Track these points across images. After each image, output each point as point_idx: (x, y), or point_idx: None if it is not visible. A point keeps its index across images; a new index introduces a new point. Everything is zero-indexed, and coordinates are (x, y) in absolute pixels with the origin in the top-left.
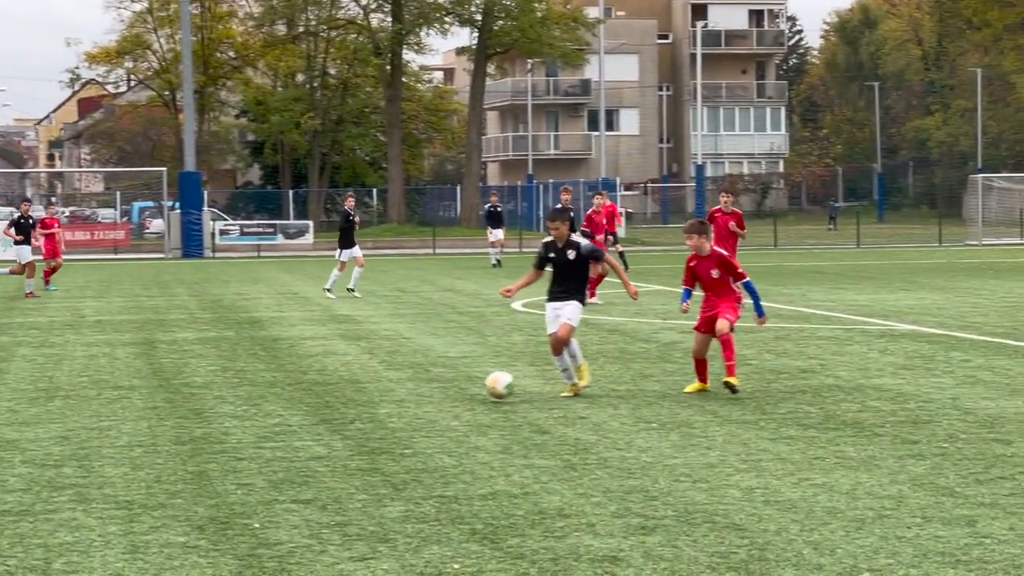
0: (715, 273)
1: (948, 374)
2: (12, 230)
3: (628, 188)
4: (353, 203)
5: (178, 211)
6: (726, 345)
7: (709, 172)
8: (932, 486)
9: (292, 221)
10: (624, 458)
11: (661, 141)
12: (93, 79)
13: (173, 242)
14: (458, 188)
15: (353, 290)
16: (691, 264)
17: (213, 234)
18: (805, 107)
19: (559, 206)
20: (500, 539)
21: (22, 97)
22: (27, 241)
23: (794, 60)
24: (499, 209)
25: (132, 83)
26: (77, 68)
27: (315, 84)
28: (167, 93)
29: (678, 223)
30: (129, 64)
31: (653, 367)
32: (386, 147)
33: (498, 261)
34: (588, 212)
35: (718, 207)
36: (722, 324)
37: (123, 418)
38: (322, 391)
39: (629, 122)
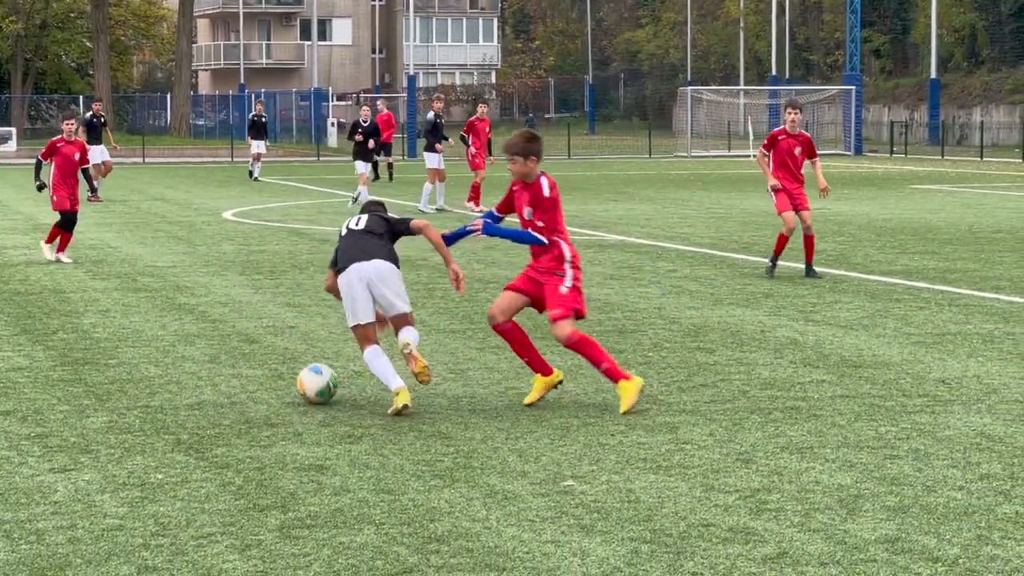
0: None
1: (654, 284)
2: None
3: (341, 98)
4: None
5: None
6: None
7: (421, 83)
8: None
9: None
10: (332, 367)
11: (374, 52)
12: None
13: None
14: (168, 96)
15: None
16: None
17: None
18: (518, 18)
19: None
20: (205, 449)
21: None
22: None
23: None
24: (264, 120)
25: None
26: None
27: None
28: None
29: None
30: None
31: None
32: (93, 53)
33: (254, 174)
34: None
35: (782, 128)
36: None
37: None
38: (24, 301)
39: (342, 32)
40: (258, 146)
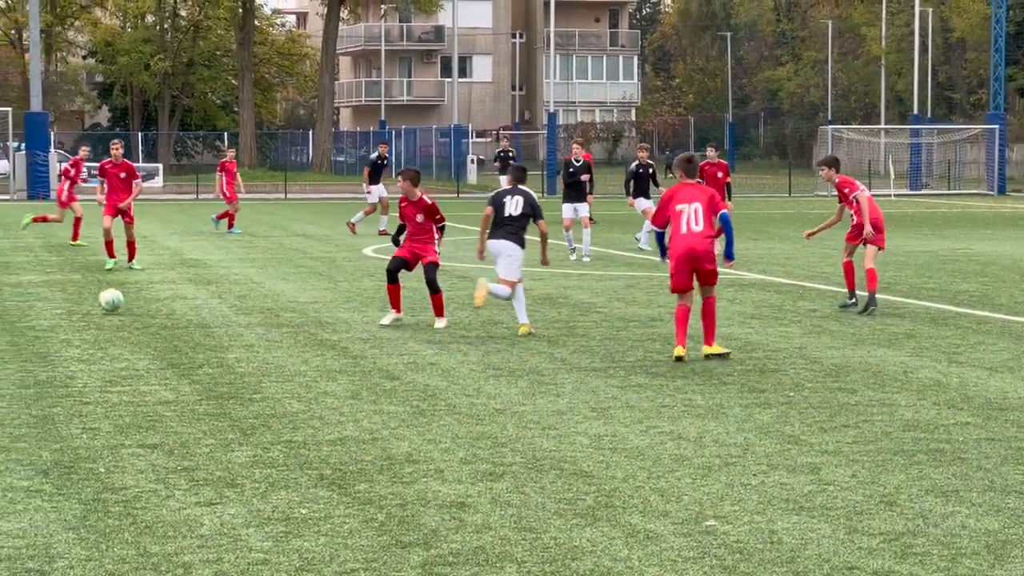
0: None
1: (795, 323)
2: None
3: (480, 135)
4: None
5: (24, 152)
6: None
7: (561, 120)
8: (778, 434)
9: (141, 164)
10: (473, 404)
11: (514, 88)
12: None
13: (18, 183)
14: (310, 133)
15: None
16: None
17: (60, 176)
18: (658, 56)
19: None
20: (348, 484)
21: None
22: None
23: (647, 9)
24: (384, 163)
25: None
26: None
27: (166, 25)
28: (13, 32)
29: (529, 170)
30: None
31: (503, 314)
32: (238, 91)
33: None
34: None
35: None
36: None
37: None
38: (170, 335)
39: (482, 69)
40: (378, 191)
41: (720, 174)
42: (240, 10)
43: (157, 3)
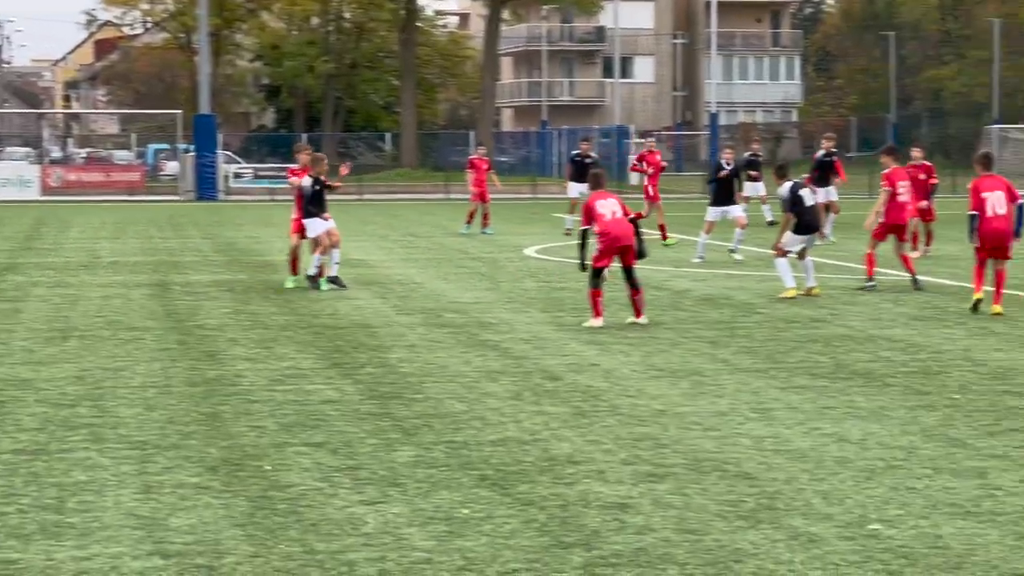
0: None
1: (960, 325)
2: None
3: (642, 136)
4: (732, 155)
5: (192, 153)
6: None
7: (723, 121)
8: (943, 437)
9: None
10: (635, 405)
11: (675, 89)
12: (109, 20)
13: (187, 184)
14: (472, 134)
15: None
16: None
17: (227, 177)
18: (820, 57)
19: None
20: (510, 485)
21: (39, 37)
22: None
23: (809, 9)
24: (589, 161)
25: (148, 25)
26: (94, 9)
27: (330, 28)
28: (182, 35)
29: (691, 171)
30: (145, 6)
31: (665, 315)
32: (400, 92)
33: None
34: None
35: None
36: None
37: (137, 359)
38: (334, 335)
39: (644, 70)
40: (579, 190)
41: (923, 176)
42: (403, 12)
43: (322, 6)
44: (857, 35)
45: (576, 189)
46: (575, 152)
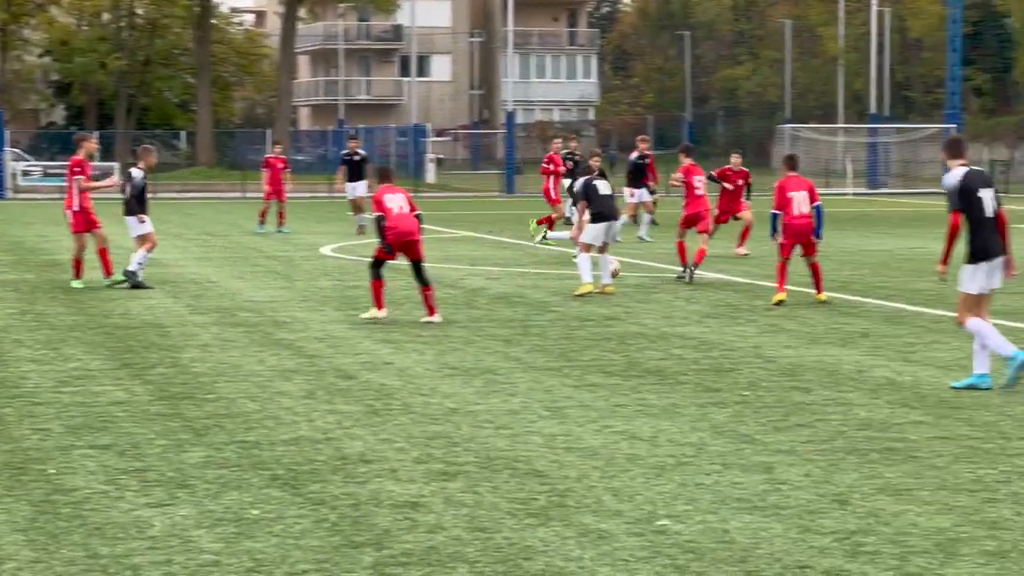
0: None
1: (751, 323)
2: None
3: (439, 134)
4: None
5: None
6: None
7: (520, 119)
8: (732, 433)
9: (98, 163)
10: (428, 404)
11: (472, 88)
12: None
13: None
14: (268, 132)
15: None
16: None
17: (15, 175)
18: (616, 55)
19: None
20: (301, 485)
21: None
22: None
23: (606, 8)
24: (357, 158)
25: None
26: None
27: (122, 24)
28: None
29: (488, 169)
30: None
31: (459, 313)
32: (195, 89)
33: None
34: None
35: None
36: None
37: None
38: (124, 335)
39: (441, 68)
40: (357, 189)
41: (741, 181)
42: (197, 9)
43: (113, 2)
44: (653, 34)
45: (353, 189)
46: (344, 152)
